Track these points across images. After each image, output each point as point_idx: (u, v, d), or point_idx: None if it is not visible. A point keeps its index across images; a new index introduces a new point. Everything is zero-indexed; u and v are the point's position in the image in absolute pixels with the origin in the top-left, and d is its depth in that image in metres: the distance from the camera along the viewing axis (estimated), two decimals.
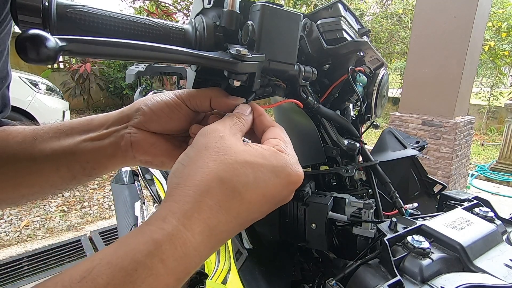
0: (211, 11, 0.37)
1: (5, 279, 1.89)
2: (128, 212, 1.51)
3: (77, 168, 0.38)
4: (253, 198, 0.28)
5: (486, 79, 10.03)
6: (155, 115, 0.38)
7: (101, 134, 0.38)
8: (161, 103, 0.38)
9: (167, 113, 0.38)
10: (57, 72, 6.85)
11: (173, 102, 0.38)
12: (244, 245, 0.56)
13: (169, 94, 0.39)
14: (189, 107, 0.38)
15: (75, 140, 0.37)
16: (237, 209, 0.27)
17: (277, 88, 0.45)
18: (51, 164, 0.37)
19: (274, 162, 0.29)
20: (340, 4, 0.49)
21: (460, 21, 2.92)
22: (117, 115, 0.39)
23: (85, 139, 0.37)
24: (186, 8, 8.45)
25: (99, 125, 0.39)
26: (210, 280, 0.63)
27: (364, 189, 0.59)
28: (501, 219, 0.48)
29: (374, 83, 0.55)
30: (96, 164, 0.38)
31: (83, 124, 0.39)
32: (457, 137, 3.08)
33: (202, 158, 0.28)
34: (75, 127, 0.38)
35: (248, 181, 0.27)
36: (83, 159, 0.37)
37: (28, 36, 0.21)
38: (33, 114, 3.91)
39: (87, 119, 0.39)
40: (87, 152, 0.37)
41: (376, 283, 0.36)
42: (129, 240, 0.23)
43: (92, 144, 0.37)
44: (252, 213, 0.28)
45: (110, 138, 0.38)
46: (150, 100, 0.39)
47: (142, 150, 0.39)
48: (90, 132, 0.38)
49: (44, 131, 0.38)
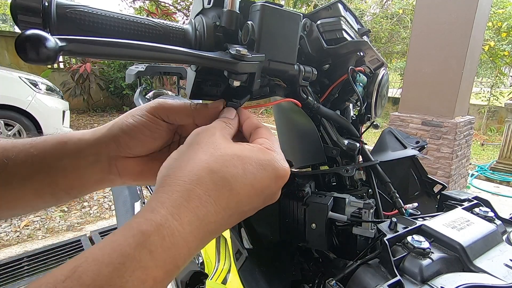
0: (211, 11, 0.37)
1: (5, 279, 1.88)
2: (128, 212, 1.51)
3: (61, 193, 0.36)
4: (242, 189, 0.28)
5: (486, 79, 10.03)
6: (136, 139, 0.37)
7: (79, 162, 0.36)
8: (138, 126, 0.37)
9: (147, 134, 0.37)
10: (57, 72, 6.85)
11: (150, 122, 0.37)
12: (244, 245, 0.56)
13: (142, 112, 0.37)
14: (168, 122, 0.38)
15: (52, 167, 0.35)
16: (226, 200, 0.27)
17: (277, 88, 0.45)
18: (33, 191, 0.35)
19: (262, 157, 0.30)
20: (340, 4, 0.49)
21: (460, 21, 2.92)
22: (92, 141, 0.37)
23: (63, 166, 0.35)
24: (186, 8, 8.45)
25: (74, 150, 0.36)
26: (210, 280, 0.63)
27: (364, 189, 0.59)
28: (501, 219, 0.48)
29: (374, 83, 0.55)
30: (82, 188, 0.37)
31: (57, 148, 0.36)
32: (457, 137, 3.08)
33: (194, 151, 0.29)
34: (47, 151, 0.35)
35: (237, 172, 0.28)
36: (67, 186, 0.36)
37: (28, 36, 0.21)
38: (33, 114, 3.92)
39: (58, 141, 0.36)
40: (70, 180, 0.36)
41: (376, 283, 0.36)
42: (117, 235, 0.23)
43: (73, 172, 0.36)
44: (241, 205, 0.29)
45: (93, 166, 0.37)
46: (126, 124, 0.37)
47: (132, 176, 0.39)
48: (66, 158, 0.35)
49: (15, 153, 0.34)
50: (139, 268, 0.21)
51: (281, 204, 0.51)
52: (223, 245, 0.68)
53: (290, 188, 0.51)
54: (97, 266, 0.20)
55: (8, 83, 3.78)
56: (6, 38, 6.14)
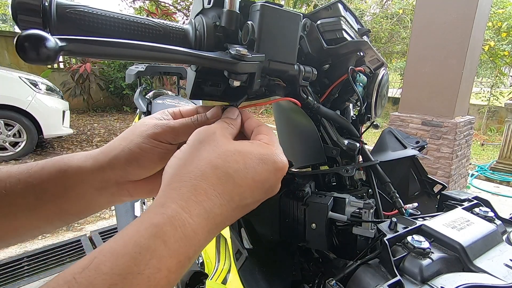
0: (211, 11, 0.37)
1: (5, 279, 1.88)
2: (128, 212, 1.51)
3: (71, 218, 0.37)
4: (244, 183, 0.29)
5: (486, 79, 10.03)
6: (145, 168, 0.37)
7: (85, 190, 0.36)
8: (146, 155, 0.36)
9: (156, 160, 0.37)
10: (57, 72, 6.85)
11: (157, 148, 0.36)
12: (244, 245, 0.56)
13: (145, 139, 0.36)
14: (174, 143, 0.38)
15: (59, 197, 0.35)
16: (230, 193, 0.29)
17: (277, 88, 0.45)
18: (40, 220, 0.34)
19: (261, 151, 0.32)
20: (340, 4, 0.49)
21: (460, 21, 2.92)
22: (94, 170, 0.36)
23: (70, 196, 0.35)
24: (186, 8, 8.45)
25: (76, 179, 0.35)
26: (210, 280, 0.63)
27: (364, 189, 0.59)
28: (501, 219, 0.48)
29: (374, 83, 0.55)
30: (91, 211, 0.38)
31: (57, 177, 0.35)
32: (457, 137, 3.08)
33: (196, 149, 0.30)
34: (48, 180, 0.34)
35: (239, 167, 0.30)
36: (76, 212, 0.37)
37: (27, 36, 0.21)
38: (33, 114, 3.92)
39: (58, 170, 0.35)
40: (79, 206, 0.36)
41: (376, 283, 0.36)
42: (128, 230, 0.24)
43: (80, 199, 0.36)
44: (244, 198, 0.30)
45: (101, 192, 0.37)
46: (132, 156, 0.36)
47: (144, 194, 0.40)
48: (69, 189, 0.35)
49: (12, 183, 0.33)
50: (154, 257, 0.22)
51: (281, 204, 0.51)
52: (223, 245, 0.68)
53: (290, 188, 0.51)
54: (113, 256, 0.21)
55: (8, 83, 3.78)
56: (6, 38, 6.14)
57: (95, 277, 0.20)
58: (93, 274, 0.20)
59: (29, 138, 4.03)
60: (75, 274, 0.20)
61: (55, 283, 0.20)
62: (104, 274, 0.20)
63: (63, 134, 4.40)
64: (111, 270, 0.21)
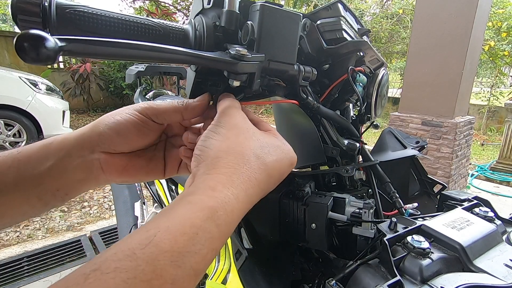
0: (210, 11, 0.37)
1: (5, 279, 1.88)
2: (128, 212, 1.51)
3: (48, 196, 0.36)
4: (274, 175, 0.32)
5: (486, 79, 10.03)
6: (122, 136, 0.37)
7: (63, 158, 0.36)
8: (125, 123, 0.37)
9: (135, 132, 0.37)
10: (57, 72, 6.85)
11: (138, 120, 0.37)
12: (244, 245, 0.56)
13: (130, 111, 0.37)
14: (157, 122, 0.38)
15: (38, 170, 0.35)
16: (264, 183, 0.31)
17: (276, 88, 0.45)
18: (20, 195, 0.35)
19: (284, 148, 0.35)
20: (340, 4, 0.49)
21: (460, 21, 2.92)
22: (76, 139, 0.37)
23: (48, 166, 0.35)
24: (186, 8, 8.45)
25: (58, 149, 0.36)
26: (210, 280, 0.63)
27: (364, 189, 0.59)
28: (501, 219, 0.48)
29: (374, 83, 0.55)
30: (68, 189, 0.37)
31: (41, 150, 0.36)
32: (457, 137, 3.08)
33: (235, 135, 0.32)
34: (32, 154, 0.36)
35: (273, 159, 0.32)
36: (53, 187, 0.36)
37: (27, 36, 0.21)
38: (33, 114, 3.92)
39: (44, 144, 0.37)
40: (55, 181, 0.36)
41: (376, 283, 0.36)
42: (180, 210, 0.24)
43: (58, 172, 0.36)
44: (269, 188, 0.32)
45: (77, 164, 0.36)
46: (112, 121, 0.37)
47: (116, 173, 0.39)
48: (50, 159, 0.36)
49: (2, 161, 0.35)
50: (209, 239, 0.24)
51: (281, 204, 0.51)
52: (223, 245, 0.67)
53: (290, 188, 0.51)
54: (172, 235, 0.22)
55: (8, 83, 3.78)
56: (6, 38, 6.14)
57: (157, 254, 0.21)
58: (155, 250, 0.21)
59: (29, 138, 4.02)
60: (135, 249, 0.21)
61: (115, 257, 0.20)
62: (166, 252, 0.21)
63: (63, 134, 4.40)
64: (171, 248, 0.22)
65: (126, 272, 0.19)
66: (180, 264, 0.21)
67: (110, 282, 0.19)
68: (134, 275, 0.19)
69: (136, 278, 0.19)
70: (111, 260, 0.20)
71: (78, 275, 0.19)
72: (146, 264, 0.20)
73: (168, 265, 0.21)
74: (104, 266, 0.20)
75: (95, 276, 0.19)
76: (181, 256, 0.22)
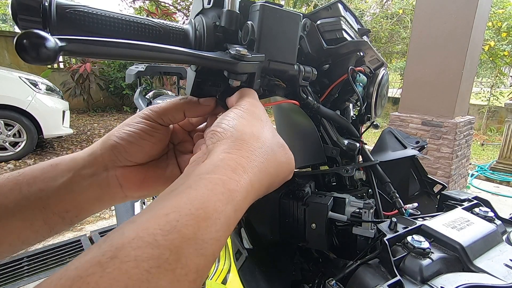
0: (211, 11, 0.37)
1: (5, 279, 1.88)
2: (128, 212, 1.51)
3: (54, 219, 0.34)
4: (280, 174, 0.32)
5: (486, 79, 10.03)
6: (136, 145, 0.36)
7: (73, 178, 0.34)
8: (137, 131, 0.36)
9: (147, 138, 0.37)
10: (57, 72, 6.85)
11: (148, 126, 0.37)
12: (244, 245, 0.56)
13: (137, 120, 0.37)
14: (163, 124, 0.38)
15: (44, 192, 0.33)
16: (273, 178, 0.31)
17: (277, 88, 0.45)
18: (22, 219, 0.32)
19: (289, 152, 0.34)
20: (340, 4, 0.49)
21: (460, 21, 2.92)
22: (87, 157, 0.36)
23: (56, 186, 0.33)
24: (186, 8, 8.45)
25: (67, 169, 0.35)
26: (210, 280, 0.63)
27: (364, 189, 0.59)
28: (501, 219, 0.48)
29: (374, 83, 0.55)
30: (78, 211, 0.35)
31: (47, 170, 0.34)
32: (457, 137, 3.08)
33: (259, 123, 0.32)
34: (37, 175, 0.34)
35: (282, 160, 0.32)
36: (61, 209, 0.34)
37: (27, 36, 0.21)
38: (33, 114, 3.92)
39: (50, 164, 0.35)
40: (64, 201, 0.34)
41: (376, 283, 0.36)
42: (200, 189, 0.23)
43: (68, 192, 0.34)
44: (273, 186, 0.32)
45: (90, 183, 0.35)
46: (123, 132, 0.36)
47: (135, 187, 0.38)
48: (58, 180, 0.34)
49: (1, 184, 0.32)
50: (228, 225, 0.23)
51: (281, 204, 0.51)
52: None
53: (290, 188, 0.51)
54: (194, 220, 0.21)
55: (8, 83, 3.78)
56: (6, 38, 6.14)
57: (181, 241, 0.20)
58: (178, 237, 0.20)
59: (29, 138, 4.02)
60: (156, 235, 0.19)
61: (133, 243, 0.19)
62: (189, 239, 0.20)
63: (63, 134, 4.40)
64: (195, 235, 0.20)
65: (149, 261, 0.18)
66: (203, 252, 0.21)
67: (132, 272, 0.17)
68: (158, 264, 0.18)
69: (160, 267, 0.18)
70: (129, 248, 0.18)
71: (91, 264, 0.17)
72: (170, 252, 0.19)
73: (192, 254, 0.20)
74: (122, 254, 0.18)
75: (114, 265, 0.17)
76: (204, 244, 0.21)
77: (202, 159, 0.28)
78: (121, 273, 0.17)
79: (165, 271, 0.18)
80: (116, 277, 0.17)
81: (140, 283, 0.17)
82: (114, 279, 0.17)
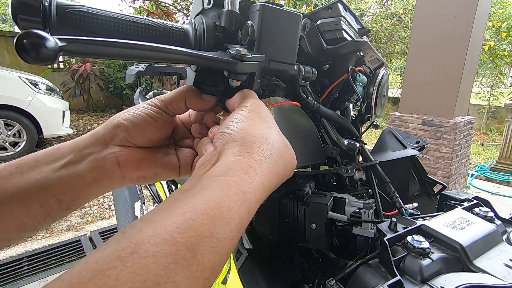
0: (211, 11, 0.37)
1: (5, 279, 1.88)
2: (128, 212, 1.51)
3: (51, 202, 0.33)
4: (285, 174, 0.32)
5: (486, 79, 10.03)
6: (140, 127, 0.37)
7: (74, 159, 0.34)
8: (143, 115, 0.37)
9: (152, 123, 0.37)
10: (57, 72, 6.85)
11: (154, 112, 0.38)
12: (244, 245, 0.56)
13: (145, 105, 0.38)
14: (168, 113, 0.39)
15: (44, 172, 0.33)
16: (280, 179, 0.31)
17: (277, 88, 0.45)
18: (19, 204, 0.32)
19: (292, 152, 0.35)
20: (340, 4, 0.49)
21: (460, 21, 2.92)
22: (89, 138, 0.36)
23: (56, 167, 0.33)
24: (186, 8, 8.45)
25: (68, 151, 0.35)
26: None
27: (364, 189, 0.59)
28: (501, 219, 0.48)
29: (374, 83, 0.55)
30: (76, 194, 0.35)
31: (49, 153, 0.34)
32: (457, 137, 3.08)
33: (267, 125, 0.32)
34: (39, 158, 0.34)
35: (288, 161, 0.33)
36: (59, 191, 0.33)
37: (27, 36, 0.21)
38: (33, 114, 3.92)
39: (53, 148, 0.35)
40: (63, 183, 0.33)
41: (376, 283, 0.36)
42: (214, 190, 0.24)
43: (67, 172, 0.33)
44: (277, 185, 0.32)
45: (88, 162, 0.35)
46: (129, 114, 0.37)
47: (134, 166, 0.37)
48: (59, 161, 0.34)
49: (2, 168, 0.33)
50: (241, 225, 0.24)
51: (281, 204, 0.51)
52: None
53: (290, 188, 0.51)
54: (209, 219, 0.22)
55: (8, 83, 3.78)
56: (6, 38, 6.14)
57: (197, 239, 0.21)
58: (194, 235, 0.21)
59: (29, 138, 4.02)
60: (173, 233, 0.20)
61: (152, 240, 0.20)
62: (205, 237, 0.21)
63: (63, 134, 4.40)
64: (211, 234, 0.21)
65: (167, 257, 0.19)
66: (218, 251, 0.21)
67: (151, 267, 0.18)
68: (175, 260, 0.19)
69: (178, 263, 0.19)
70: (148, 244, 0.19)
71: (112, 258, 0.18)
72: (186, 249, 0.20)
73: (208, 251, 0.21)
74: (141, 249, 0.19)
75: (134, 259, 0.18)
76: (219, 242, 0.22)
77: (211, 160, 0.28)
78: (141, 267, 0.18)
79: (182, 267, 0.19)
80: (135, 271, 0.18)
81: (159, 278, 0.18)
82: (134, 273, 0.18)
